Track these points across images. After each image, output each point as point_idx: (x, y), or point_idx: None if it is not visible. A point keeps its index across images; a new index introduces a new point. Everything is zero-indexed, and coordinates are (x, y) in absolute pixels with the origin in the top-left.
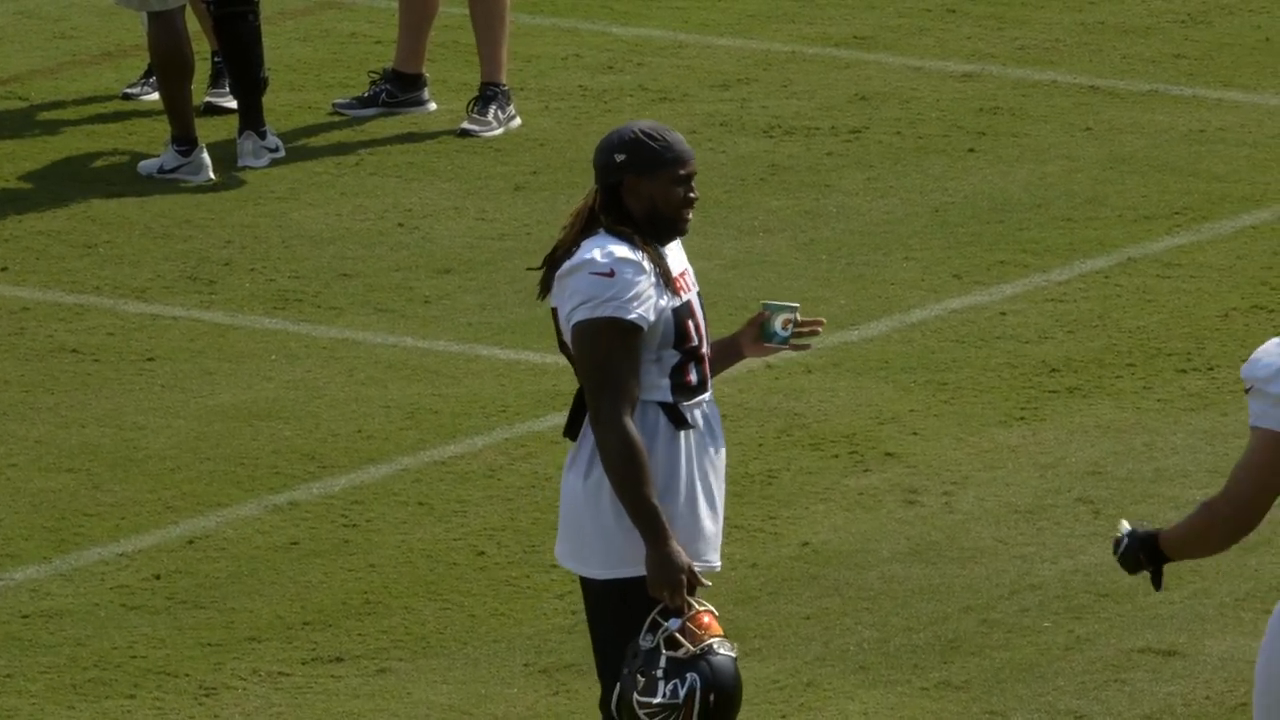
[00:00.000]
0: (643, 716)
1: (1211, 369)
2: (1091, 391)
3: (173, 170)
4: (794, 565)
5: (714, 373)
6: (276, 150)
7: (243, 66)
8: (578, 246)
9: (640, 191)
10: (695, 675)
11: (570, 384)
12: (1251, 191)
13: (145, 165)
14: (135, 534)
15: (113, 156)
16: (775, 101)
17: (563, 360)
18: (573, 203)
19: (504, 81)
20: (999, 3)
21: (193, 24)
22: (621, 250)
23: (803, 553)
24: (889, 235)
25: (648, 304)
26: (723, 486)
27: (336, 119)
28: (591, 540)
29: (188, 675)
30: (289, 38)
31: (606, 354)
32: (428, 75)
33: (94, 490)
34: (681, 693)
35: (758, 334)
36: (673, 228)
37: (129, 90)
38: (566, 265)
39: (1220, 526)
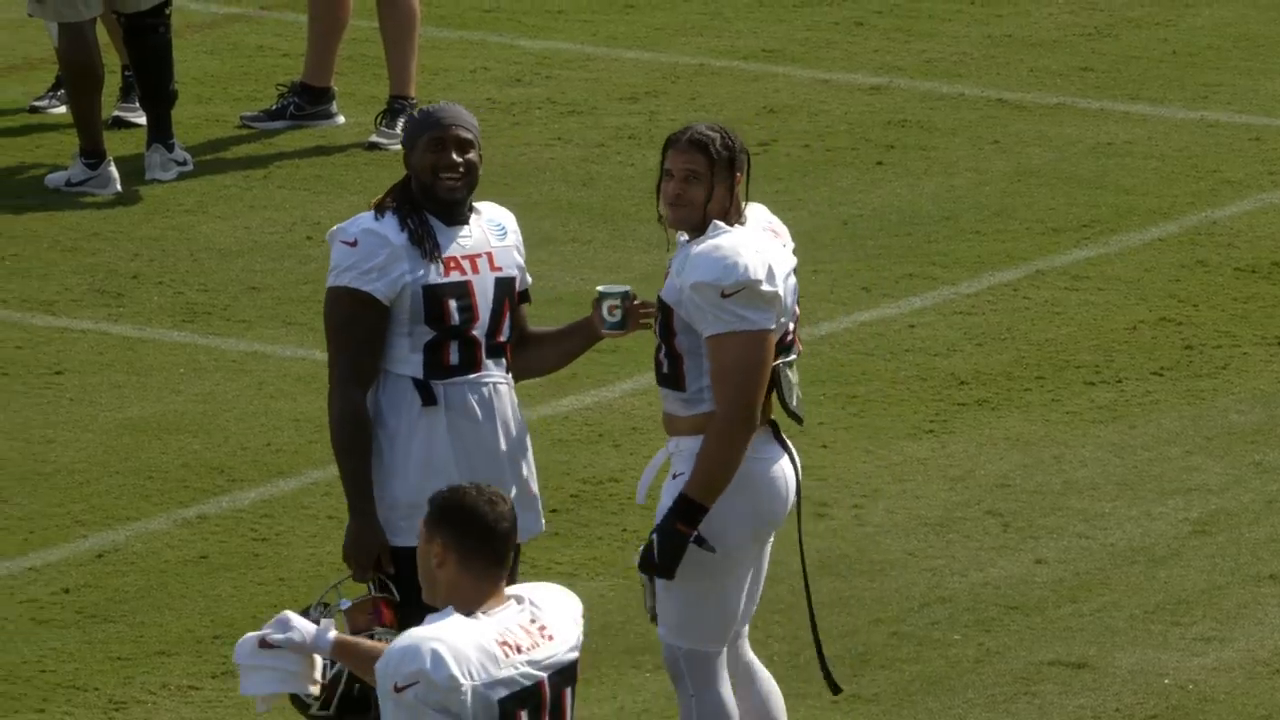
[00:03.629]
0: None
1: (1120, 381)
2: (1000, 404)
3: (80, 183)
4: None
5: (574, 351)
6: (185, 163)
7: (153, 79)
8: None
9: (410, 165)
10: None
11: None
12: (1159, 204)
13: (52, 178)
14: (44, 548)
15: (20, 170)
16: (684, 114)
17: None
18: None
19: (413, 95)
20: (906, 16)
21: (102, 36)
22: (370, 222)
23: None
24: (797, 248)
25: (389, 278)
26: (506, 472)
27: (244, 132)
28: None
29: (97, 689)
30: (196, 51)
31: (341, 322)
32: (336, 88)
33: (2, 504)
34: (329, 675)
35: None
36: (434, 195)
37: (36, 103)
38: (329, 233)
39: (740, 439)
